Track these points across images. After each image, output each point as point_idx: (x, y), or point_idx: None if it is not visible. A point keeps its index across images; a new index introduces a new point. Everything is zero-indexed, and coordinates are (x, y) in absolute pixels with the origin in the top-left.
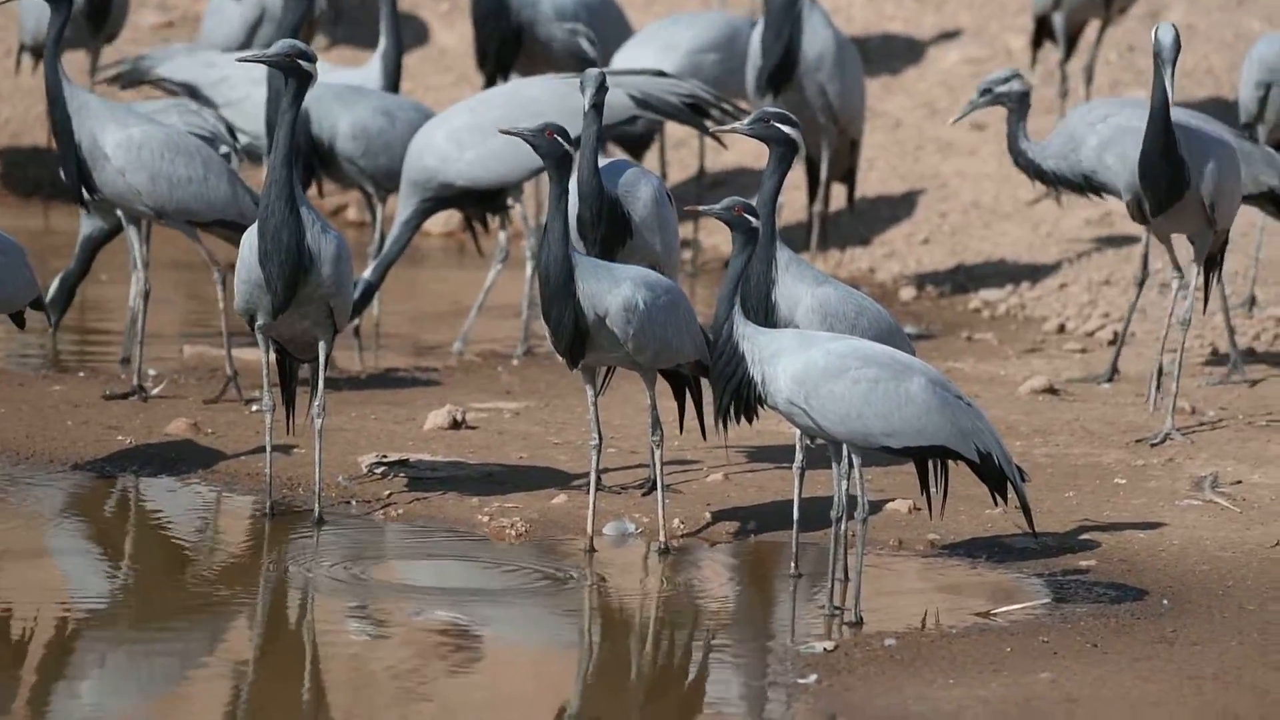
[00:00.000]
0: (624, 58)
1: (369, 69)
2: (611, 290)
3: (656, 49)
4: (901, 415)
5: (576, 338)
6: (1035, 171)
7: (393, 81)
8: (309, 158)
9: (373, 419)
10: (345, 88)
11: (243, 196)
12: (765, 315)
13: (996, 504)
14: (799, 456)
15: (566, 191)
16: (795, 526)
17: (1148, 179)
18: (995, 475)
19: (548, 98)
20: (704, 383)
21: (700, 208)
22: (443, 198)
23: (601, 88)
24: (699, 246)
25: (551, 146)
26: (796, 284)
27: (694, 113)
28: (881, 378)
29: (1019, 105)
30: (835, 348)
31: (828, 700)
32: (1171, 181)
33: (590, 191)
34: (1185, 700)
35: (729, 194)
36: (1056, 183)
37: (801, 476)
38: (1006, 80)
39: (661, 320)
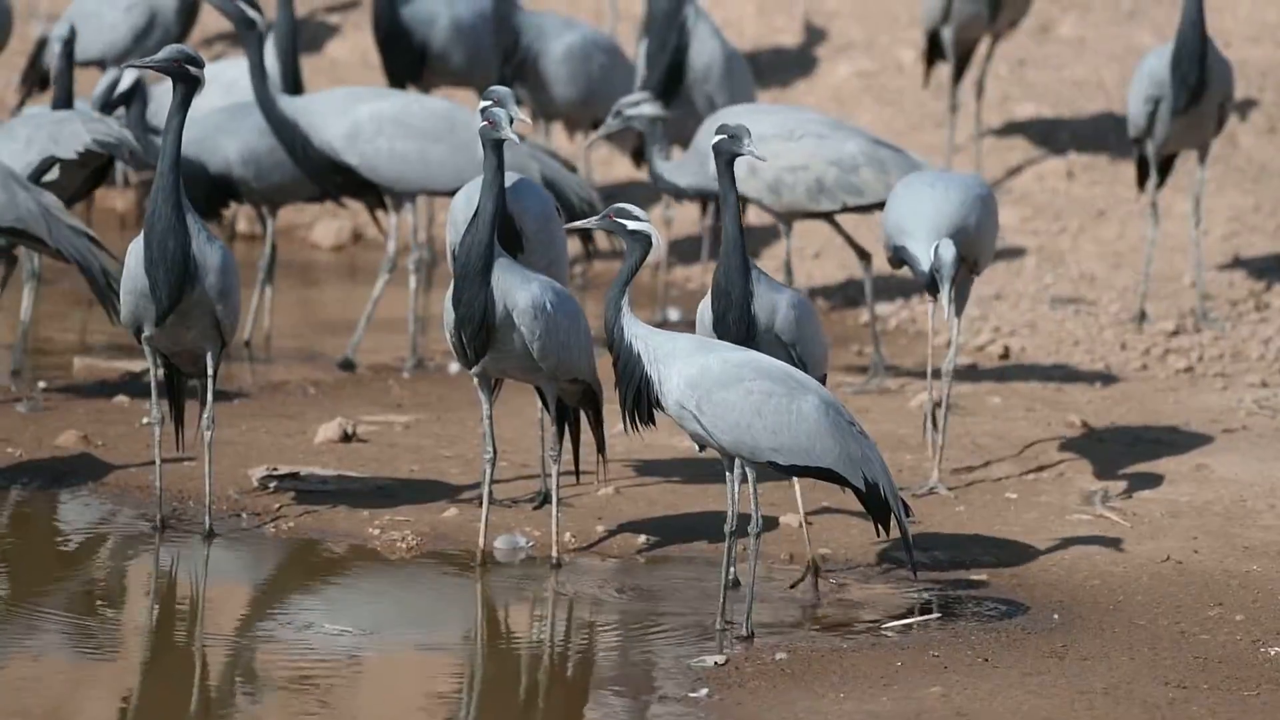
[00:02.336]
0: None
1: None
2: (523, 287)
3: None
4: (791, 432)
5: (481, 330)
6: (675, 192)
7: (288, 53)
8: (208, 189)
9: (263, 432)
10: (226, 112)
11: (24, 203)
12: (747, 328)
13: (879, 534)
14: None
15: (499, 177)
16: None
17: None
18: (879, 506)
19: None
20: (583, 421)
21: (578, 223)
22: (319, 170)
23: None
24: (589, 260)
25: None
26: (770, 293)
27: (579, 217)
28: (775, 392)
29: (650, 128)
30: (732, 357)
31: (718, 714)
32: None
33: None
34: (1076, 715)
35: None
36: (700, 197)
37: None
38: (637, 104)
39: (565, 328)
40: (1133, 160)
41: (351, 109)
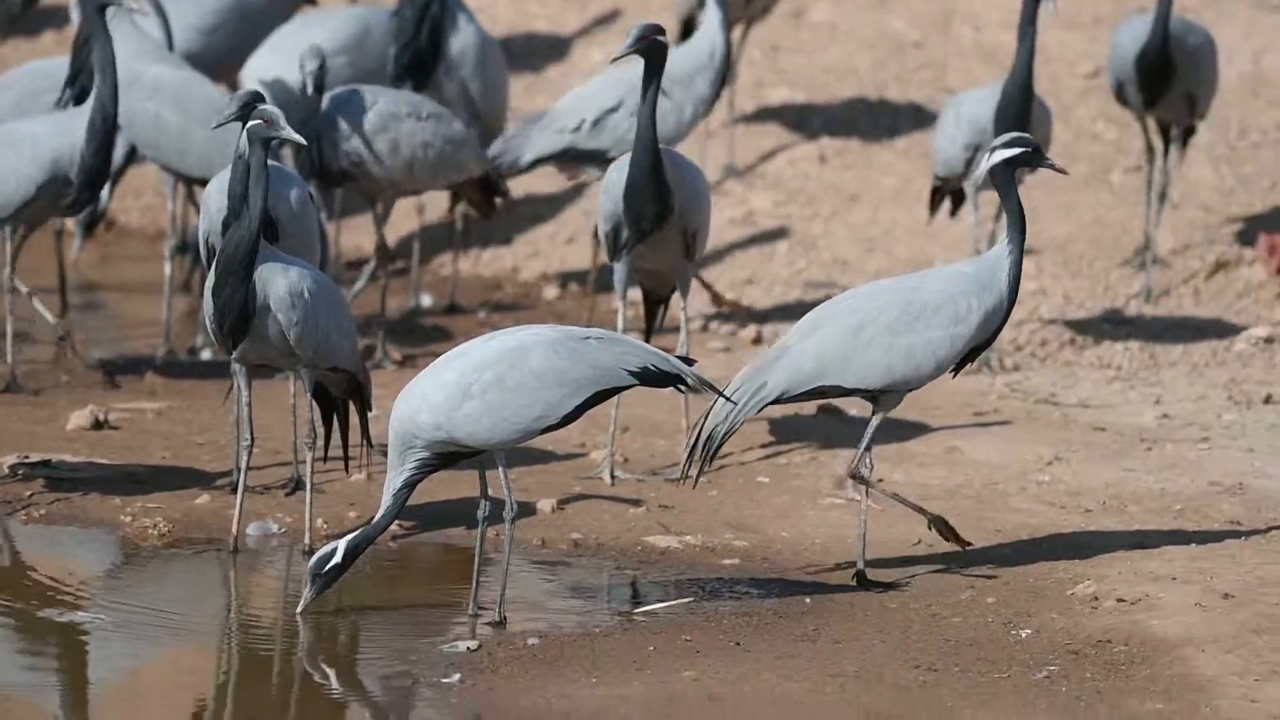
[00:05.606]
0: (254, 66)
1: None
2: (281, 274)
3: (285, 57)
4: (541, 395)
5: (242, 319)
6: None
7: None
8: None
9: (14, 419)
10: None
11: None
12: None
13: (682, 392)
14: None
15: (266, 171)
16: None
17: (631, 207)
18: (662, 379)
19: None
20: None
21: None
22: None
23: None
24: (340, 248)
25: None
26: None
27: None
28: (501, 375)
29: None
30: (445, 377)
31: (471, 699)
32: (659, 212)
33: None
34: (827, 698)
35: None
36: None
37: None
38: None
39: (325, 313)
40: (885, 146)
41: (144, 63)
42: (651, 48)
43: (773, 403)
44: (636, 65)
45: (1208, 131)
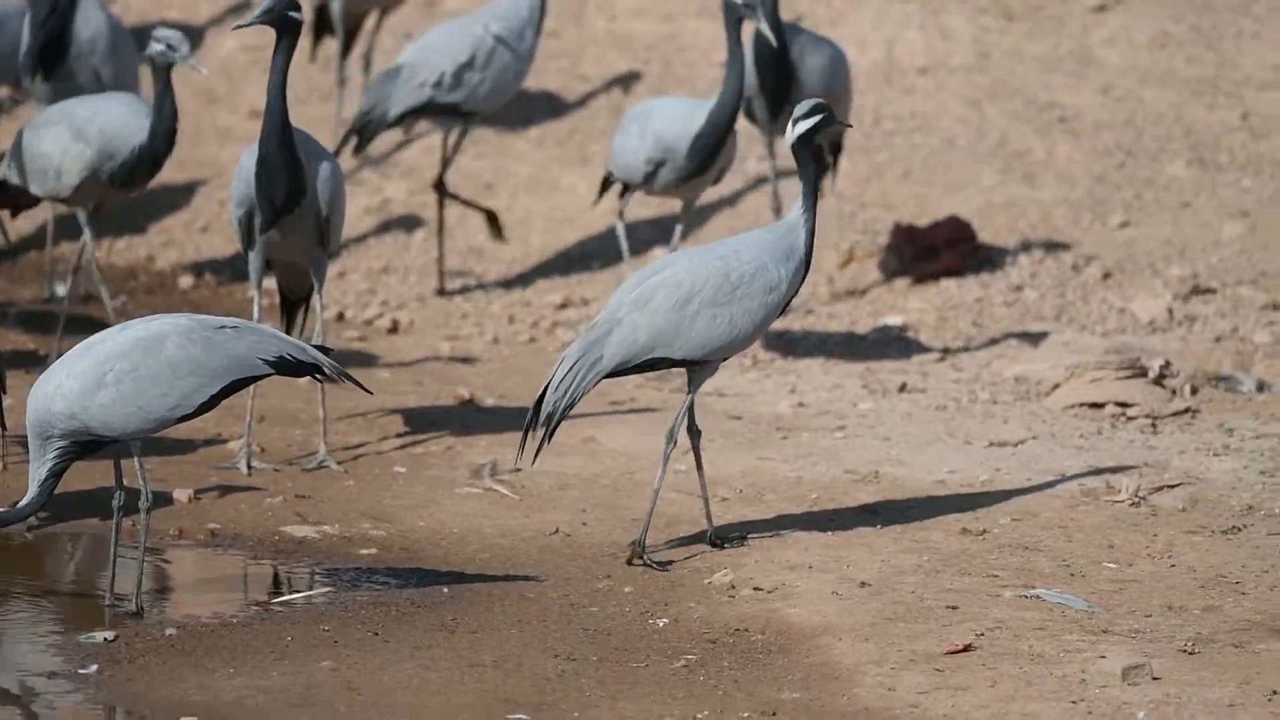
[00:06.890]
0: None
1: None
2: None
3: None
4: (176, 384)
5: None
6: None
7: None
8: None
9: None
10: None
11: None
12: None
13: (320, 380)
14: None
15: None
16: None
17: (262, 185)
18: (298, 368)
19: None
20: None
21: None
22: None
23: None
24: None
25: None
26: None
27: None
28: (137, 363)
29: None
30: (78, 366)
31: (108, 691)
32: (291, 190)
33: None
34: (466, 688)
35: None
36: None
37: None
38: None
39: None
40: (520, 135)
41: None
42: (281, 20)
43: (608, 375)
44: (480, 16)
45: None
